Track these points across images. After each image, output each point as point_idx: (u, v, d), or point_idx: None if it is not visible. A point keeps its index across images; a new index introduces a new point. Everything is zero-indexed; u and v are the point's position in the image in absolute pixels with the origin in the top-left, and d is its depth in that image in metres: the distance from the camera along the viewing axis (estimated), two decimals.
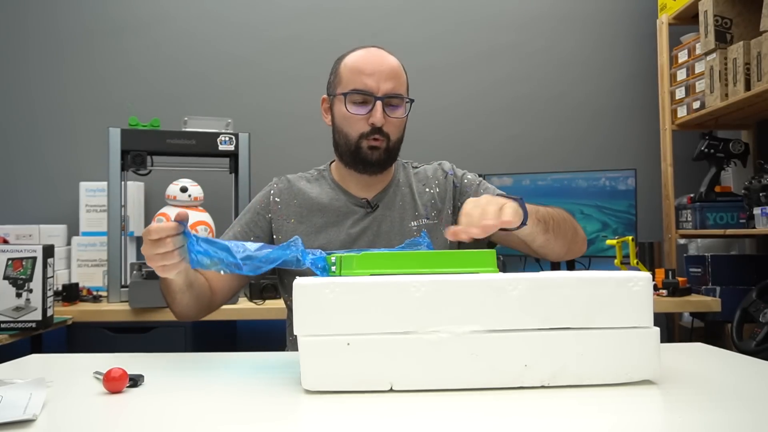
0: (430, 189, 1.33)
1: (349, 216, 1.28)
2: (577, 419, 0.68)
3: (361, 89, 1.22)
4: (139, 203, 2.50)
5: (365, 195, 1.31)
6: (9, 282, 1.67)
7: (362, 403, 0.73)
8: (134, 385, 0.82)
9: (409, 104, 1.28)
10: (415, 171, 1.37)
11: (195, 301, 1.18)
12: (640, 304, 0.79)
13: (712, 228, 2.30)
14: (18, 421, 0.65)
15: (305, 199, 1.31)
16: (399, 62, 1.28)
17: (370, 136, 1.23)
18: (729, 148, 2.32)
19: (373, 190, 1.31)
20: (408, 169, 1.37)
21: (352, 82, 1.23)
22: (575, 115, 2.75)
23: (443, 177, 1.35)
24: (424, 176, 1.35)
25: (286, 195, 1.32)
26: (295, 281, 0.79)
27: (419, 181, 1.34)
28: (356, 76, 1.23)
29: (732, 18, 2.24)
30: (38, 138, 2.65)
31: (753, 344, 1.80)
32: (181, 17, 2.70)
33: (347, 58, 1.28)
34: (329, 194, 1.31)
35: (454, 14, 2.76)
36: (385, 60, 1.25)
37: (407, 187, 1.33)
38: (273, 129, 2.64)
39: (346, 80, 1.25)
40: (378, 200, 1.30)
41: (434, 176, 1.35)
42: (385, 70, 1.23)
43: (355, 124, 1.24)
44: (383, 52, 1.27)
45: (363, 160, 1.25)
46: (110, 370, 0.79)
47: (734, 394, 0.77)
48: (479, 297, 0.77)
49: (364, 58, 1.25)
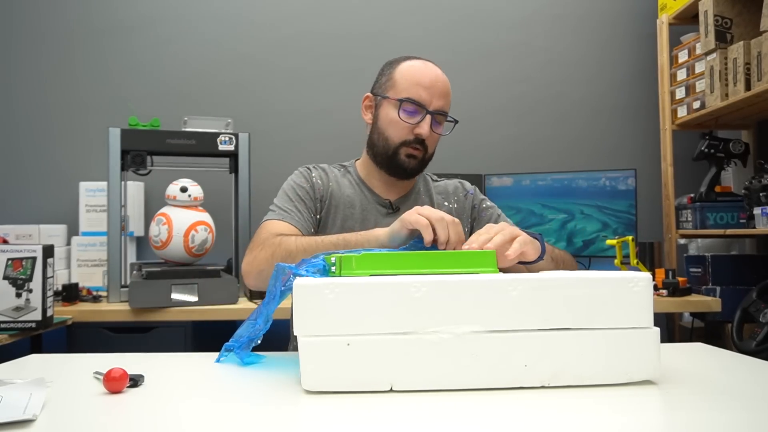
0: (449, 203, 1.37)
1: (372, 214, 1.32)
2: (577, 419, 0.68)
3: (416, 99, 1.25)
4: (139, 203, 2.50)
5: (388, 196, 1.34)
6: (9, 282, 1.67)
7: (362, 403, 0.73)
8: (134, 385, 0.82)
9: (452, 124, 1.33)
10: (435, 184, 1.42)
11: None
12: (640, 305, 0.79)
13: (712, 228, 2.30)
14: (18, 421, 0.65)
15: (337, 188, 1.34)
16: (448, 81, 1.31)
17: (412, 144, 1.27)
18: (729, 148, 2.32)
19: (396, 193, 1.35)
20: (428, 180, 1.41)
21: (407, 91, 1.26)
22: (575, 114, 2.75)
23: (463, 196, 1.39)
24: (444, 190, 1.40)
25: (324, 181, 1.34)
26: (295, 281, 0.79)
27: (439, 194, 1.39)
28: (413, 86, 1.26)
29: (732, 18, 2.24)
30: (38, 138, 2.65)
31: (753, 344, 1.80)
32: (181, 17, 2.70)
33: (403, 64, 1.30)
34: (355, 190, 1.34)
35: (455, 13, 2.76)
36: (441, 77, 1.29)
37: (427, 196, 1.37)
38: (273, 129, 2.64)
39: (401, 87, 1.27)
40: (400, 203, 1.34)
41: (454, 192, 1.39)
42: (440, 86, 1.27)
43: (401, 130, 1.27)
44: (438, 68, 1.31)
45: (398, 166, 1.29)
46: (110, 370, 0.79)
47: (734, 394, 0.77)
48: (479, 297, 0.77)
49: (422, 71, 1.28)
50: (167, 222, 2.10)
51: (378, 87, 1.33)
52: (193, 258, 2.14)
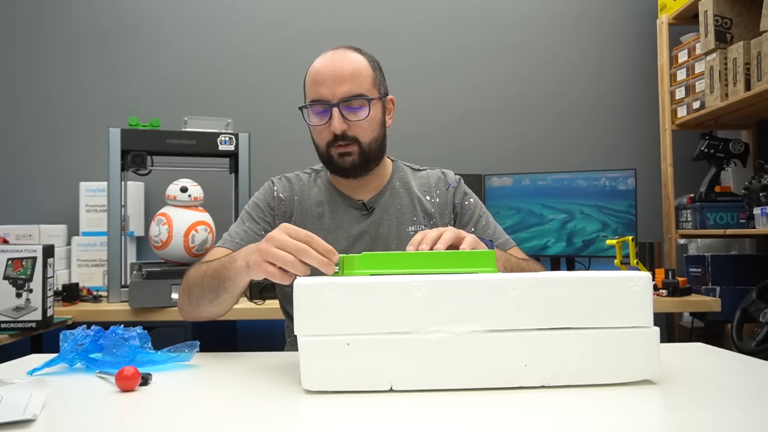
0: (431, 198, 1.31)
1: (346, 217, 1.27)
2: (577, 419, 0.68)
3: (316, 99, 1.20)
4: (139, 203, 2.50)
5: (360, 197, 1.29)
6: (9, 282, 1.67)
7: (362, 403, 0.73)
8: (145, 383, 0.82)
9: (379, 101, 1.24)
10: (418, 174, 1.35)
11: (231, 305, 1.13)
12: (640, 304, 0.79)
13: (712, 228, 2.30)
14: (18, 421, 0.65)
15: (305, 198, 1.30)
16: (363, 58, 1.23)
17: (335, 143, 1.21)
18: (729, 148, 2.32)
19: (367, 192, 1.30)
20: (407, 172, 1.35)
21: (310, 93, 1.22)
22: (575, 114, 2.75)
23: (445, 188, 1.33)
24: (426, 182, 1.33)
25: (289, 193, 1.30)
26: (295, 281, 0.79)
27: (420, 186, 1.32)
28: (313, 86, 1.21)
29: (732, 18, 2.24)
30: (38, 138, 2.65)
31: (753, 344, 1.80)
32: (181, 17, 2.70)
33: (310, 67, 1.25)
34: (325, 195, 1.30)
35: (454, 14, 2.76)
36: (340, 63, 1.20)
37: (405, 190, 1.31)
38: (273, 129, 2.64)
39: (307, 92, 1.24)
40: (373, 203, 1.29)
41: (437, 185, 1.33)
42: (339, 74, 1.18)
43: (320, 134, 1.23)
44: (343, 53, 1.22)
45: (338, 168, 1.24)
46: (122, 369, 0.80)
47: (734, 394, 0.77)
48: (479, 297, 0.77)
49: (320, 66, 1.21)
50: (167, 222, 2.10)
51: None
52: (193, 258, 2.14)
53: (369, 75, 1.22)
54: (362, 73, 1.21)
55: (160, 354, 0.93)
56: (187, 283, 1.14)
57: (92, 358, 0.91)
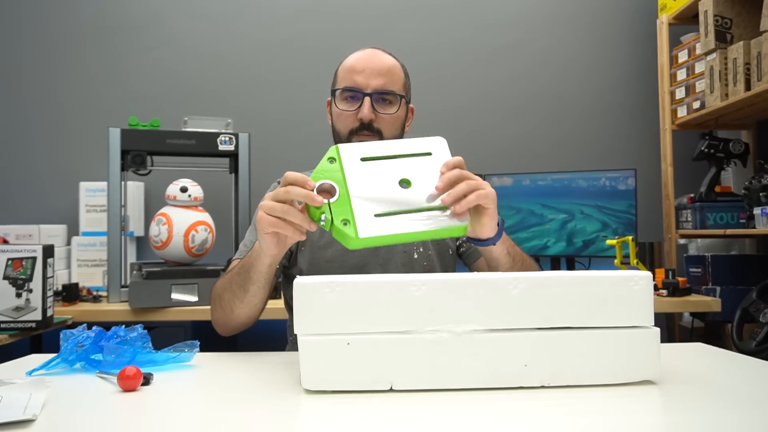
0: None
1: None
2: (577, 419, 0.68)
3: (350, 86, 1.24)
4: (139, 203, 2.50)
5: None
6: (9, 282, 1.67)
7: (362, 403, 0.73)
8: (146, 383, 0.82)
9: (406, 104, 1.29)
10: None
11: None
12: (641, 304, 0.79)
13: (712, 228, 2.30)
14: (18, 421, 0.65)
15: None
16: (397, 62, 1.30)
17: (360, 132, 1.23)
18: (729, 148, 2.32)
19: None
20: None
21: (343, 80, 1.26)
22: (575, 115, 2.75)
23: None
24: None
25: None
26: (295, 280, 0.79)
27: None
28: (348, 74, 1.25)
29: (732, 18, 2.24)
30: (38, 138, 2.65)
31: (753, 344, 1.80)
32: (182, 17, 2.70)
33: (346, 59, 1.30)
34: None
35: (453, 15, 2.76)
36: (378, 58, 1.26)
37: None
38: (273, 129, 2.64)
39: (340, 79, 1.28)
40: None
41: None
42: (377, 67, 1.24)
43: (345, 120, 1.25)
44: (380, 51, 1.29)
45: None
46: (125, 369, 0.80)
47: (734, 394, 0.77)
48: (479, 296, 0.77)
49: (358, 57, 1.27)
50: (167, 222, 2.10)
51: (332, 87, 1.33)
52: (193, 258, 2.14)
53: (402, 77, 1.29)
54: (397, 72, 1.28)
55: (160, 354, 0.93)
56: (217, 294, 1.16)
57: (93, 359, 0.91)
